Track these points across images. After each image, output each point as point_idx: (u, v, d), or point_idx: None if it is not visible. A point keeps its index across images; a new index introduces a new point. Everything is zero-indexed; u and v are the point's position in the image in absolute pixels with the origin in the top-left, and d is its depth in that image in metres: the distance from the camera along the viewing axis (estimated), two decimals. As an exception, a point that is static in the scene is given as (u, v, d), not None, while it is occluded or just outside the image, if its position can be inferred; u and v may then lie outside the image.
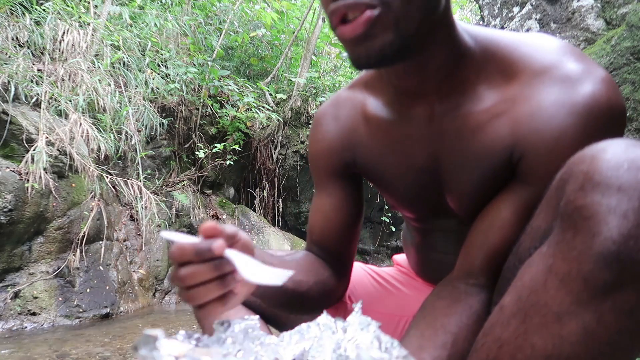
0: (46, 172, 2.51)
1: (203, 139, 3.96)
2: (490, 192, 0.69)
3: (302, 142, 4.30)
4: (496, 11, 2.88)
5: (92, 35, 3.30)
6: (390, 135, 0.78)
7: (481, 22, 2.92)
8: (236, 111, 3.97)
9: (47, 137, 2.58)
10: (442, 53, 0.66)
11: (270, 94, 4.43)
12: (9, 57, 2.77)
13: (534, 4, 3.04)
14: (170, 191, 3.54)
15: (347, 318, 0.49)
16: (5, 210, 2.34)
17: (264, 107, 4.10)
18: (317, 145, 0.89)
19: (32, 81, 2.76)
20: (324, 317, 0.50)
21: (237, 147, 3.91)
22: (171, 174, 3.79)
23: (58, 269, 2.56)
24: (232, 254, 0.50)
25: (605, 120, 0.59)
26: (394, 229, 4.47)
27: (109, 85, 3.19)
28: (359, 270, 1.06)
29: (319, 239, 0.88)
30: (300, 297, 0.78)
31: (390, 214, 4.41)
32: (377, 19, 0.58)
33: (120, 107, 3.20)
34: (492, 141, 0.66)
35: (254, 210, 4.22)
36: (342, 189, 0.87)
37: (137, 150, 3.29)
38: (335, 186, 0.87)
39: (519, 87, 0.65)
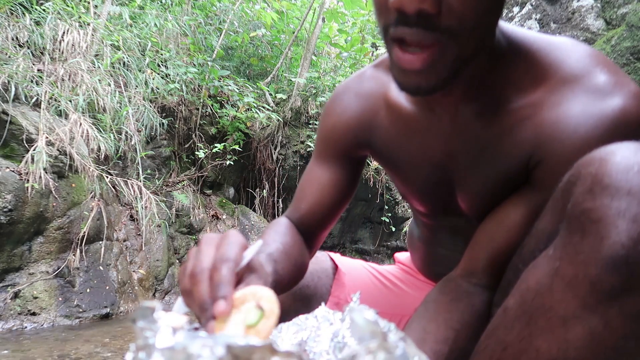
0: (46, 172, 2.50)
1: (203, 139, 3.95)
2: (501, 194, 0.68)
3: (302, 142, 4.29)
4: (497, 11, 2.87)
5: (92, 35, 3.29)
6: (409, 126, 0.77)
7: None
8: (236, 111, 3.96)
9: (47, 137, 2.57)
10: (479, 63, 0.65)
11: (270, 94, 4.42)
12: (9, 57, 2.76)
13: (534, 4, 3.04)
14: (170, 191, 3.54)
15: (345, 308, 0.49)
16: (5, 210, 2.34)
17: (264, 107, 4.09)
18: (335, 118, 0.87)
19: (32, 81, 2.75)
20: (322, 309, 0.50)
21: (237, 147, 3.90)
22: (171, 174, 3.79)
23: (58, 269, 2.56)
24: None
25: (632, 136, 0.55)
26: (394, 229, 4.45)
27: (109, 85, 3.18)
28: (360, 268, 1.06)
29: (308, 209, 0.86)
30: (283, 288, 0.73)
31: (390, 214, 4.39)
32: (438, 58, 0.57)
33: (120, 107, 3.20)
34: (512, 145, 0.65)
35: (254, 210, 4.21)
36: (344, 167, 0.87)
37: (137, 150, 3.28)
38: (340, 163, 0.86)
39: (546, 93, 0.63)
